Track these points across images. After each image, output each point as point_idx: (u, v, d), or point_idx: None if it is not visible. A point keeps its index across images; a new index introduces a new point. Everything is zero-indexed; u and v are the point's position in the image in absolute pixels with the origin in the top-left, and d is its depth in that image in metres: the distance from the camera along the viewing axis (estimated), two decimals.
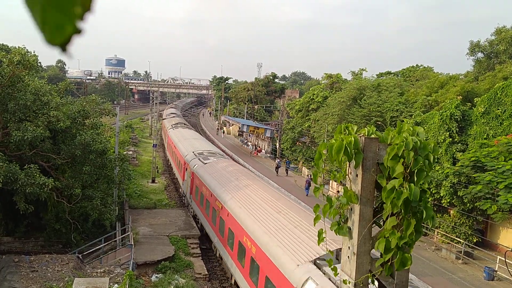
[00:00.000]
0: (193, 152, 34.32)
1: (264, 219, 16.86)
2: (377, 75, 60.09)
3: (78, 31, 0.98)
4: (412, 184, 4.34)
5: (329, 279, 11.28)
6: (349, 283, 4.77)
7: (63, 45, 1.00)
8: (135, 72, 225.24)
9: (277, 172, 46.61)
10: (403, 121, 4.92)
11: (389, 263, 4.61)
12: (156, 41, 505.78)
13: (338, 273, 4.98)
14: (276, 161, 50.14)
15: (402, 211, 4.41)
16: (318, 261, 12.39)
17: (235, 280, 19.16)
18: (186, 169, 32.60)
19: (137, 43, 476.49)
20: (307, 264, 12.30)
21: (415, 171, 4.40)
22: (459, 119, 29.70)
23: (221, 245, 21.03)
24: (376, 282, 4.93)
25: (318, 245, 5.69)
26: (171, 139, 46.92)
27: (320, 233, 4.98)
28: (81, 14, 0.97)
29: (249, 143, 68.21)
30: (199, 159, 31.26)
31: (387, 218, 4.56)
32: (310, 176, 40.65)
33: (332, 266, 5.10)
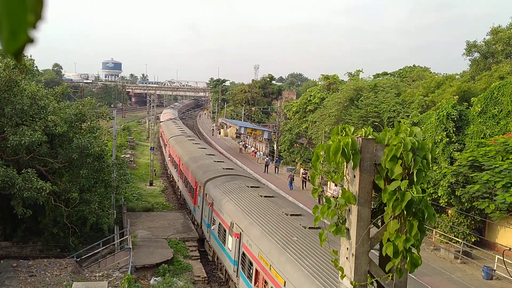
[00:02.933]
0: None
1: None
2: (373, 75, 60.17)
3: (30, 40, 0.99)
4: (418, 187, 4.35)
5: None
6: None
7: (17, 54, 1.01)
8: (132, 75, 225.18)
9: (266, 170, 48.31)
10: (400, 121, 4.92)
11: (399, 266, 4.62)
12: (153, 44, 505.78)
13: (344, 275, 4.97)
14: (266, 159, 51.39)
15: (405, 213, 4.42)
16: None
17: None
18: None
19: (133, 46, 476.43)
20: None
21: (414, 172, 4.40)
22: (456, 118, 29.75)
23: None
24: (375, 283, 4.93)
25: (321, 245, 5.68)
26: (179, 159, 37.16)
27: (321, 234, 4.98)
28: (33, 22, 0.98)
29: (247, 145, 68.20)
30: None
31: (388, 221, 4.56)
32: (293, 174, 43.40)
33: (339, 266, 5.09)
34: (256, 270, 15.82)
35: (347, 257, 4.86)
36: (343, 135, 4.66)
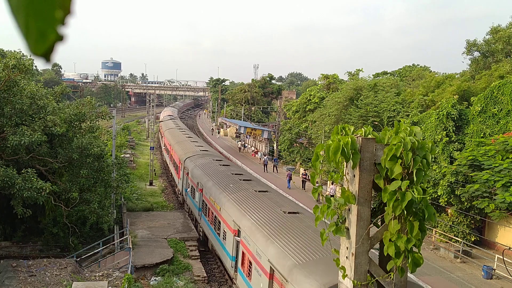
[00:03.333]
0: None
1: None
2: (373, 75, 60.16)
3: (60, 38, 0.93)
4: (418, 186, 4.34)
5: None
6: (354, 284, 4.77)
7: (47, 55, 0.94)
8: (131, 75, 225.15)
9: (265, 169, 48.55)
10: (400, 121, 4.91)
11: (401, 266, 4.62)
12: (153, 44, 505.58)
13: (346, 275, 4.96)
14: (264, 158, 51.49)
15: (405, 213, 4.41)
16: None
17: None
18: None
19: (133, 45, 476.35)
20: None
21: (414, 171, 4.40)
22: (455, 118, 29.75)
23: None
24: (375, 282, 4.92)
25: (322, 245, 5.68)
26: (170, 145, 45.72)
27: (322, 233, 4.98)
28: (62, 18, 0.92)
29: (247, 144, 68.17)
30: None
31: (389, 221, 4.56)
32: (291, 172, 43.58)
33: (340, 266, 5.09)
34: (211, 210, 23.93)
35: (347, 256, 4.86)
36: (343, 134, 4.65)
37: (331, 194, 32.42)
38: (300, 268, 12.59)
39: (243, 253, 17.73)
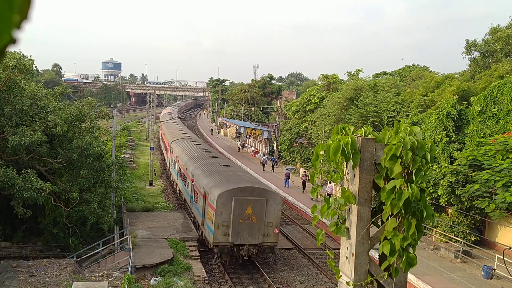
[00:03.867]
0: None
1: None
2: (373, 75, 60.21)
3: (13, 41, 0.96)
4: (413, 185, 4.34)
5: None
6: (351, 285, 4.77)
7: None
8: (131, 75, 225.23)
9: (263, 168, 49.31)
10: (399, 121, 4.92)
11: (395, 265, 4.61)
12: (152, 44, 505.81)
13: (340, 275, 4.96)
14: (262, 157, 51.89)
15: (403, 211, 4.41)
16: None
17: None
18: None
19: (133, 46, 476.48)
20: None
21: (414, 171, 4.40)
22: (455, 118, 29.76)
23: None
24: (375, 282, 4.92)
25: (318, 245, 5.68)
26: (164, 135, 56.36)
27: (318, 234, 4.98)
28: (18, 22, 0.95)
29: (247, 144, 68.16)
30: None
31: (387, 219, 4.56)
32: (289, 171, 44.03)
33: (334, 267, 5.09)
34: (179, 167, 35.70)
35: (347, 257, 4.86)
36: (343, 134, 4.66)
37: (328, 192, 32.52)
38: (215, 186, 23.65)
39: (195, 191, 27.86)
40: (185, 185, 32.43)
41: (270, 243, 23.00)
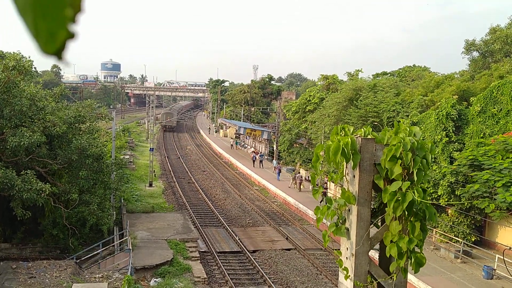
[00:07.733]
0: None
1: None
2: (373, 75, 60.19)
3: (71, 36, 0.92)
4: (419, 188, 4.33)
5: None
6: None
7: (59, 53, 0.94)
8: (131, 76, 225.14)
9: (253, 164, 52.23)
10: (399, 121, 4.90)
11: (403, 266, 4.61)
12: (152, 44, 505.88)
13: (349, 276, 4.93)
14: (252, 154, 54.66)
15: (406, 213, 4.40)
16: None
17: None
18: None
19: (133, 46, 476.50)
20: None
21: (414, 172, 4.39)
22: (455, 118, 29.73)
23: None
24: (375, 283, 4.91)
25: (325, 246, 5.66)
26: None
27: (324, 235, 4.96)
28: (72, 16, 0.91)
29: (247, 145, 68.12)
30: None
31: (390, 222, 4.54)
32: (280, 165, 48.09)
33: (343, 267, 5.06)
34: None
35: (347, 257, 4.85)
36: (343, 135, 4.64)
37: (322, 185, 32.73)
38: None
39: None
40: None
41: None
